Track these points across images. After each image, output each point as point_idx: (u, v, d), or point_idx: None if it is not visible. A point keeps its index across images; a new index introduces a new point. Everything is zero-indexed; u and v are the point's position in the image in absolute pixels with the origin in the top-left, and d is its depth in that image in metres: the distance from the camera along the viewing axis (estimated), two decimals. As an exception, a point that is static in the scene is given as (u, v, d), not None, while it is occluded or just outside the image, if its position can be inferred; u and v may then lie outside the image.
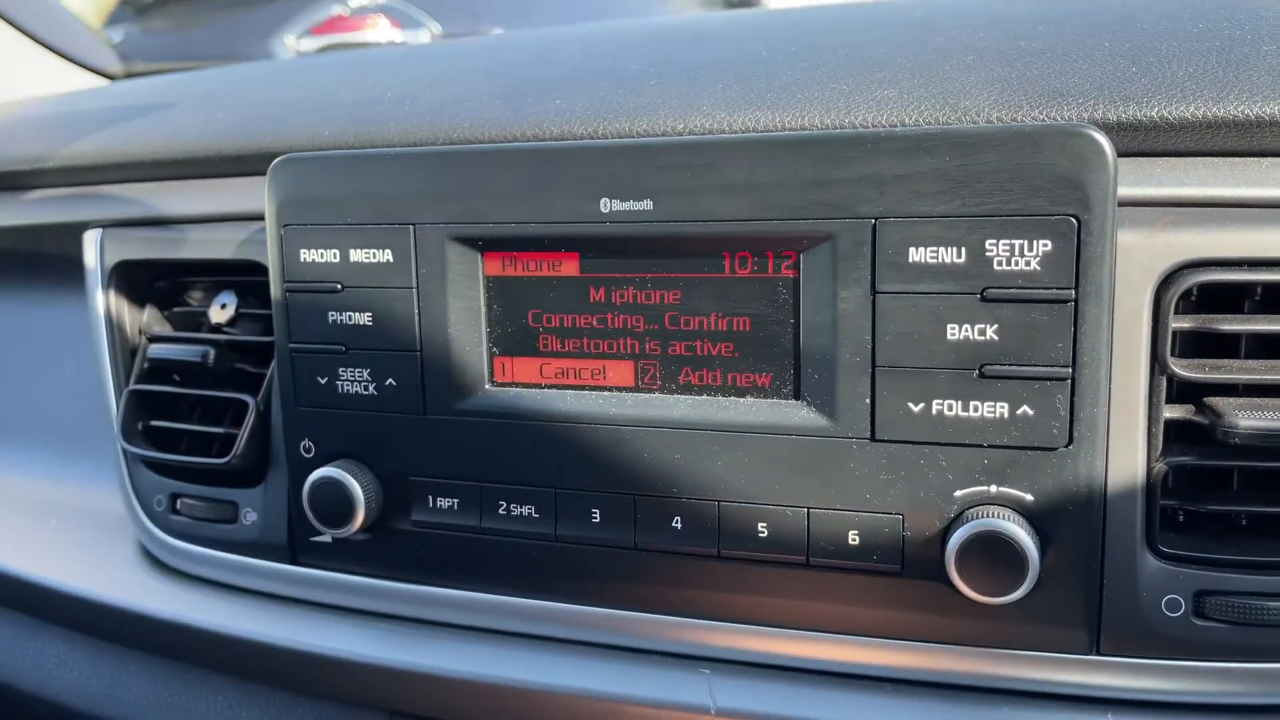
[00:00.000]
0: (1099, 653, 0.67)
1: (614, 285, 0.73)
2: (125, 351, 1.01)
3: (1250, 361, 0.66)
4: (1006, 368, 0.64)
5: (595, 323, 0.74)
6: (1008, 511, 0.65)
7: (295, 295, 0.81)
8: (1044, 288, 0.62)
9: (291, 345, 0.82)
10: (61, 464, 1.18)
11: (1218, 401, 0.65)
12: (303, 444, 0.83)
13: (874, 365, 0.67)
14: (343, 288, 0.79)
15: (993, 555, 0.64)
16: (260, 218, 0.90)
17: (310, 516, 0.81)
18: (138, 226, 1.00)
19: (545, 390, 0.76)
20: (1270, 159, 0.67)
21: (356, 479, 0.79)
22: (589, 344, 0.74)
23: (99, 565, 1.03)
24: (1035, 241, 0.62)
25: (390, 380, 0.79)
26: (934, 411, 0.66)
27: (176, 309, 1.02)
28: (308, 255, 0.80)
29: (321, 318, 0.80)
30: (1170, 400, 0.67)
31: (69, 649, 1.07)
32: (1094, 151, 0.61)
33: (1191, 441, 0.68)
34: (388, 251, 0.77)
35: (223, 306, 0.95)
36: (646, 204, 0.70)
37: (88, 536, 1.08)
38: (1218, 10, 0.73)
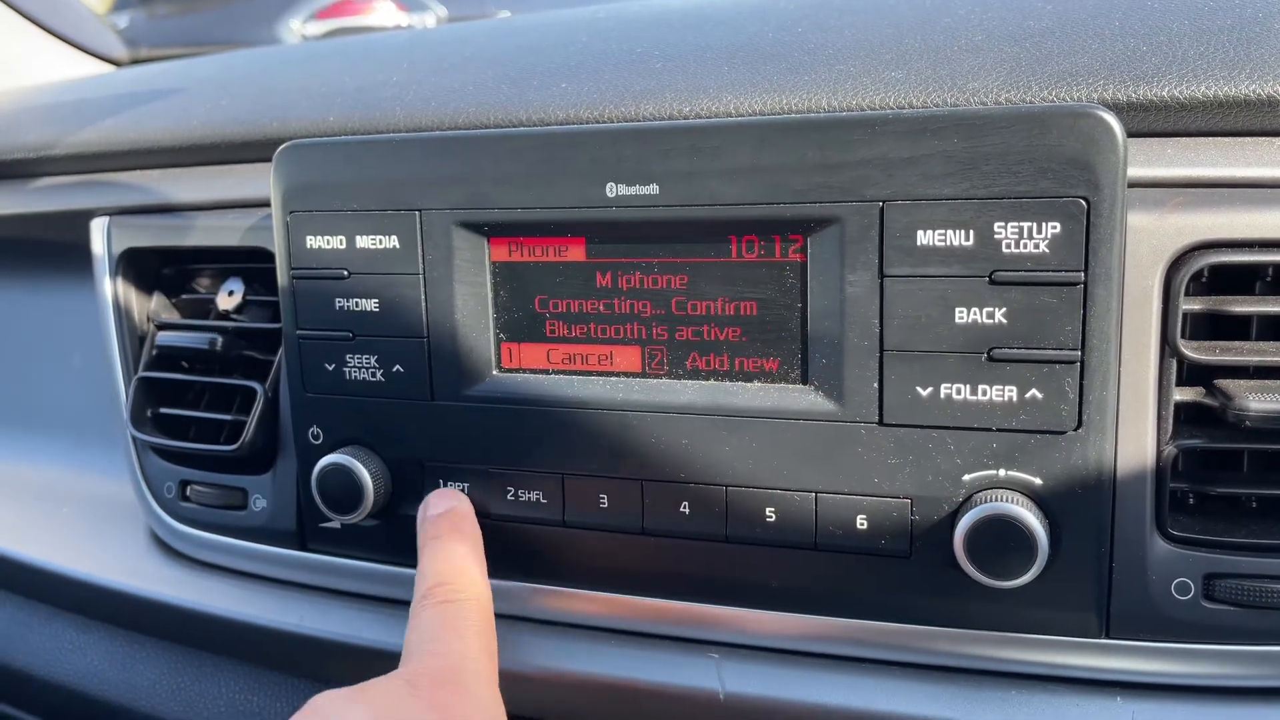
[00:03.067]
0: (1108, 636, 0.67)
1: (620, 270, 0.73)
2: (134, 339, 1.01)
3: (1261, 344, 0.65)
4: (1015, 351, 0.64)
5: (602, 308, 0.74)
6: (1016, 495, 0.65)
7: (302, 282, 0.81)
8: (1053, 270, 0.62)
9: (299, 332, 0.82)
10: (71, 451, 1.19)
11: (1228, 384, 0.65)
12: (311, 430, 0.84)
13: (882, 349, 0.66)
14: (349, 274, 0.79)
15: (1001, 539, 0.63)
16: (267, 204, 0.90)
17: (319, 503, 0.81)
18: (144, 214, 1.00)
19: (552, 376, 0.76)
20: (1282, 139, 0.66)
21: (365, 465, 0.79)
22: (596, 329, 0.74)
23: (110, 552, 1.04)
24: (1044, 223, 0.62)
25: (397, 366, 0.79)
26: (942, 395, 0.66)
27: (184, 296, 1.02)
28: (314, 242, 0.80)
29: (328, 304, 0.80)
30: (1180, 383, 0.67)
31: (81, 635, 1.08)
32: (1103, 132, 0.60)
33: (1201, 424, 0.67)
34: (394, 238, 0.77)
35: (230, 293, 0.95)
36: (652, 188, 0.70)
37: (98, 523, 1.09)
38: (1229, -12, 0.72)
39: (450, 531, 0.75)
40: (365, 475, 0.79)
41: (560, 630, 0.81)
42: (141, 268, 1.01)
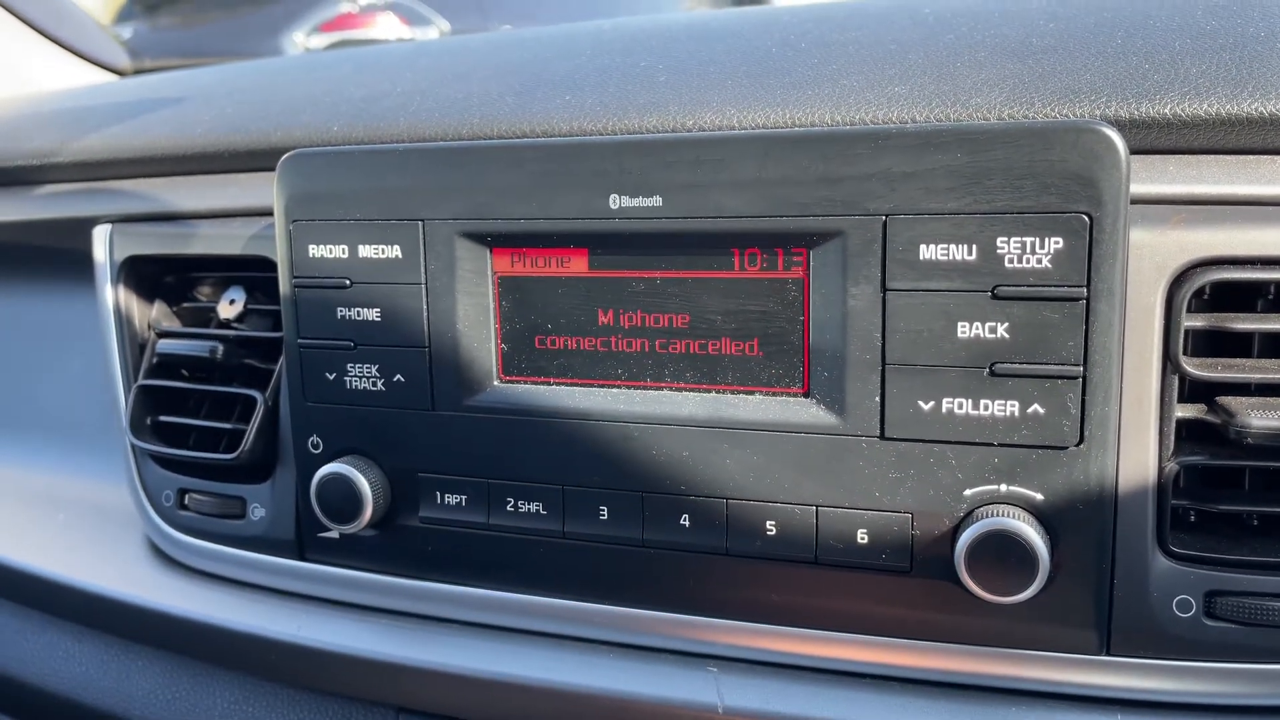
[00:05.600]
0: (1109, 653, 0.67)
1: (623, 282, 0.73)
2: (134, 346, 1.01)
3: (1263, 361, 0.66)
4: (1017, 366, 0.64)
5: (604, 319, 0.74)
6: (1018, 511, 0.65)
7: (304, 291, 0.81)
8: (1055, 285, 0.62)
9: (300, 341, 0.82)
10: (70, 458, 1.19)
11: (1230, 401, 0.65)
12: (310, 440, 0.83)
13: (884, 363, 0.66)
14: (351, 283, 0.79)
15: (1002, 555, 0.63)
16: (269, 213, 0.90)
17: (318, 512, 0.81)
18: (147, 222, 1.00)
19: (554, 387, 0.76)
20: (1283, 157, 0.66)
21: (364, 475, 0.79)
22: (598, 341, 0.74)
23: (107, 560, 1.04)
24: (1047, 239, 0.62)
25: (398, 376, 0.79)
26: (944, 410, 0.66)
27: (185, 304, 1.02)
28: (316, 251, 0.80)
29: (330, 313, 0.80)
30: (1182, 399, 0.67)
31: (76, 643, 1.07)
32: (1106, 148, 0.60)
33: (1203, 441, 0.67)
34: (396, 247, 0.77)
35: (231, 302, 0.95)
36: (656, 200, 0.70)
37: (96, 531, 1.09)
38: (1231, 7, 0.72)
39: None
40: (364, 485, 0.79)
41: (557, 642, 0.81)
42: (143, 275, 1.01)
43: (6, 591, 1.13)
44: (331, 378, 0.81)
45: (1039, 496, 0.65)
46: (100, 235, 1.01)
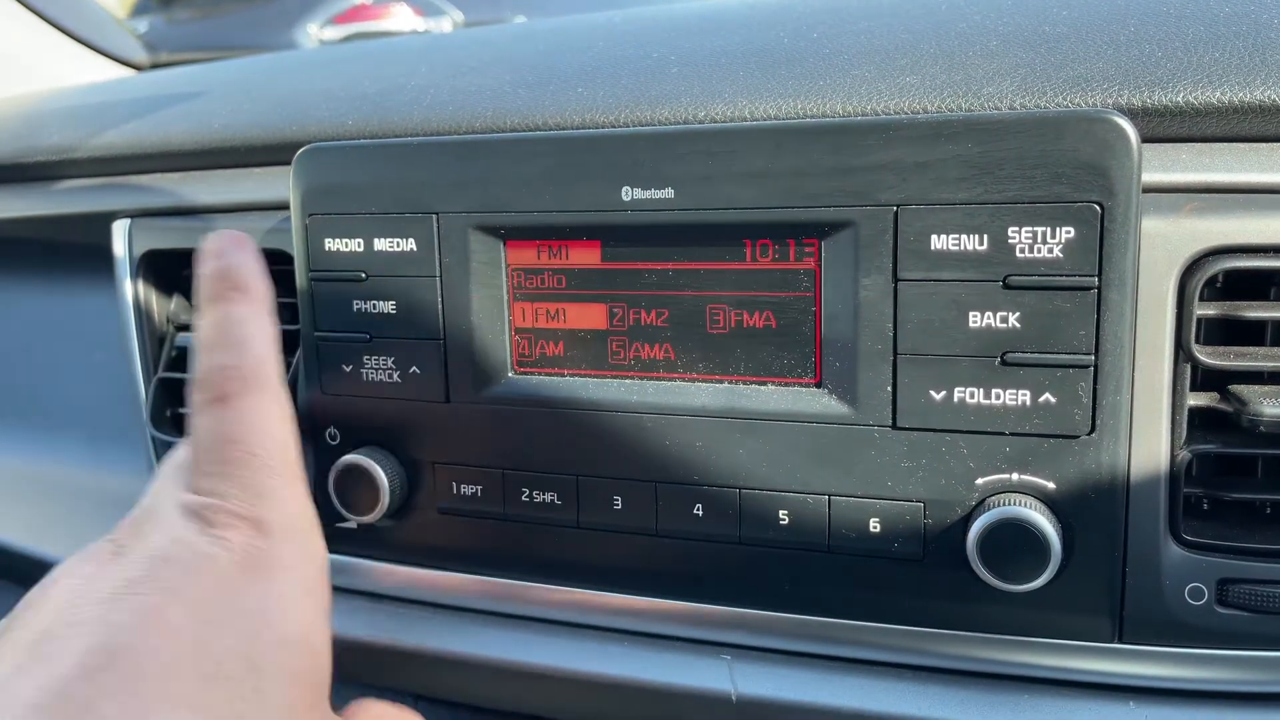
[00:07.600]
0: (1121, 640, 0.67)
1: (636, 273, 0.73)
2: (154, 340, 1.02)
3: (1276, 349, 0.65)
4: (1029, 355, 0.64)
5: (617, 311, 0.74)
6: (1030, 499, 0.65)
7: (320, 284, 0.82)
8: (1067, 275, 0.62)
9: (316, 334, 0.82)
10: (92, 451, 1.20)
11: (1242, 389, 0.65)
12: (328, 431, 0.84)
13: (896, 353, 0.67)
14: (367, 277, 0.80)
15: (1014, 543, 0.64)
16: (285, 207, 0.91)
17: (335, 503, 0.82)
18: (165, 216, 1.01)
19: (567, 378, 0.76)
20: (1297, 144, 0.66)
21: (381, 466, 0.80)
22: (611, 332, 0.75)
23: (129, 550, 1.05)
24: (1058, 228, 0.62)
25: (414, 368, 0.80)
26: (956, 399, 0.66)
27: (203, 298, 1.03)
28: (332, 244, 0.81)
29: (346, 306, 0.81)
30: (1194, 388, 0.67)
31: (100, 633, 1.09)
32: (1118, 137, 0.60)
33: (1215, 429, 0.67)
34: (411, 241, 0.78)
35: (248, 295, 0.96)
36: (668, 192, 0.70)
37: (117, 522, 1.10)
38: (1245, -6, 0.72)
39: (226, 291, 0.60)
40: (381, 476, 0.80)
41: (572, 630, 0.82)
42: (162, 269, 1.02)
43: (29, 581, 1.14)
44: (348, 370, 0.82)
45: (1051, 485, 0.65)
46: (119, 230, 1.02)
